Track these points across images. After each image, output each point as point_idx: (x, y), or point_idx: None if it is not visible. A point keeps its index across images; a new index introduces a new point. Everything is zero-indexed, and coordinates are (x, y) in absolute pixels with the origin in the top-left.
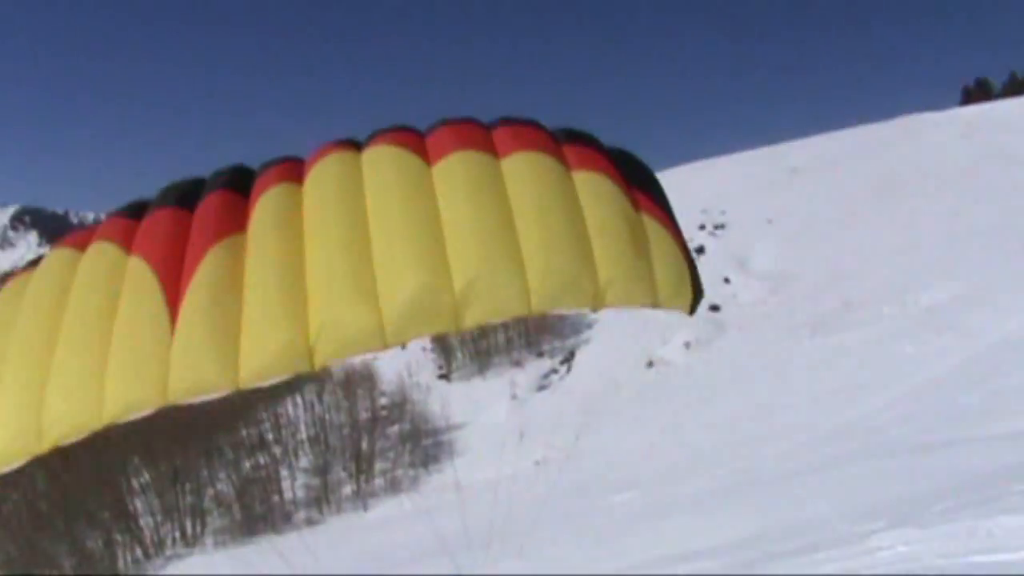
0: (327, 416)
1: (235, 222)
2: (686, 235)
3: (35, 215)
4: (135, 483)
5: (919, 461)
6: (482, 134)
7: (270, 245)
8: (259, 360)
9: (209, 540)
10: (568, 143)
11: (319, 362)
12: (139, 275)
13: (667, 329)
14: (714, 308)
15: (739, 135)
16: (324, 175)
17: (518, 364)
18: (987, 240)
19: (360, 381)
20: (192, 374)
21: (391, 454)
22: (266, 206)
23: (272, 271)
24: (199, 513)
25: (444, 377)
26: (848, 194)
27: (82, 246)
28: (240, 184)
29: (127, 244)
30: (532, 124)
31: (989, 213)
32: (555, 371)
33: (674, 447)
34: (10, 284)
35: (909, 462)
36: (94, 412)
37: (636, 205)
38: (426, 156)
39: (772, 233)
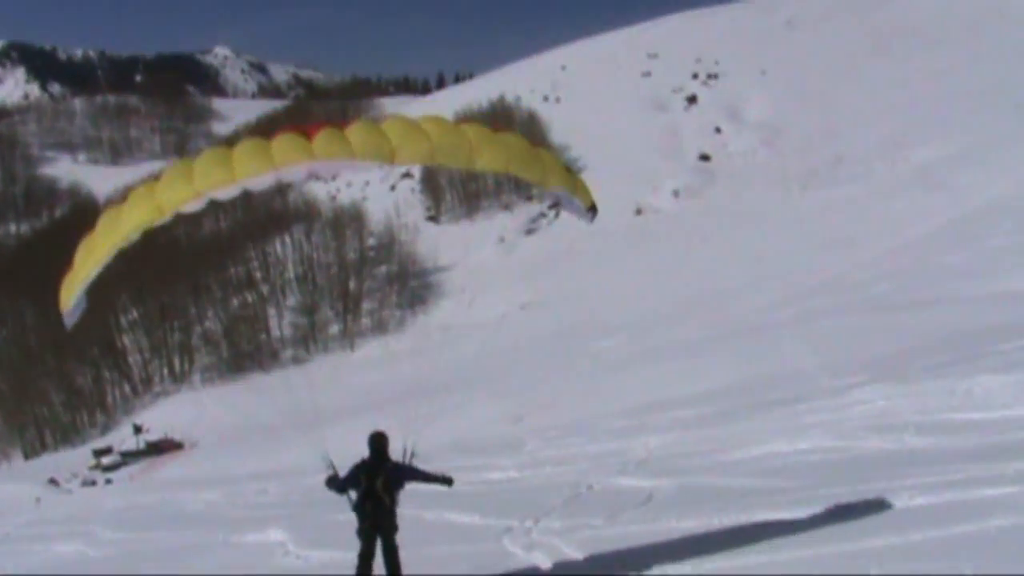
0: (315, 255)
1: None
2: (678, 83)
3: (23, 51)
4: (123, 320)
5: (903, 318)
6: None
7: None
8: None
9: (197, 377)
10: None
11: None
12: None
13: (656, 177)
14: (704, 158)
15: None
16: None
17: (507, 208)
18: (982, 100)
19: (349, 221)
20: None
21: (378, 294)
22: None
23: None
24: (187, 350)
25: (432, 219)
26: (844, 49)
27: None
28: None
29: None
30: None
31: (986, 73)
32: (544, 215)
33: (660, 294)
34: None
35: (893, 318)
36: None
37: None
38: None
39: (765, 85)
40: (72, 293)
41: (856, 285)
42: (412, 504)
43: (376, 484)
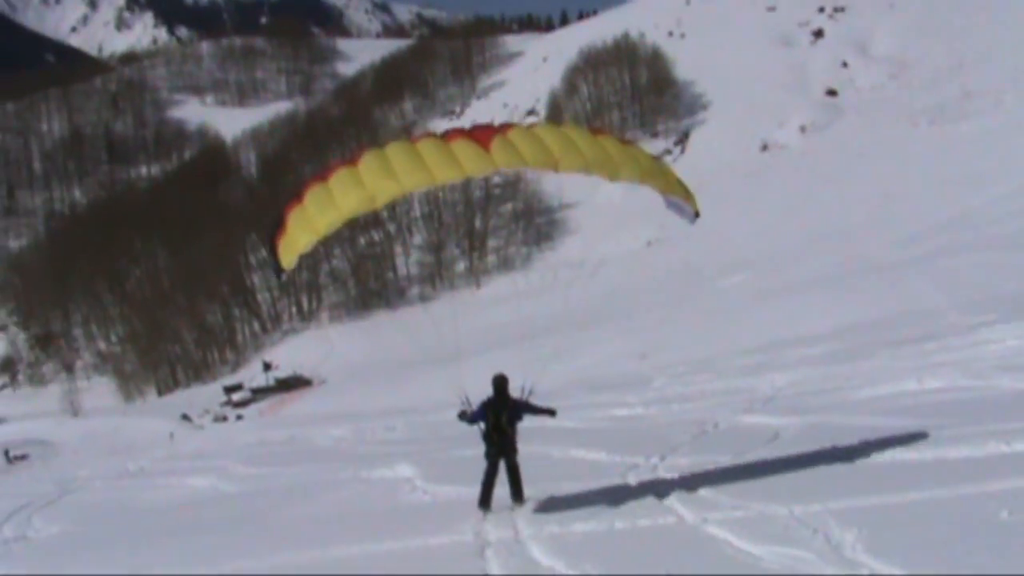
0: (441, 194)
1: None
2: (804, 17)
3: None
4: (253, 259)
5: None
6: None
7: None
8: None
9: (324, 315)
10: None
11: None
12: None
13: (782, 112)
14: (831, 92)
15: None
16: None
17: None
18: None
19: None
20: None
21: (503, 232)
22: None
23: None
24: (315, 289)
25: None
26: None
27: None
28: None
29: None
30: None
31: None
32: (668, 151)
33: (787, 231)
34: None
35: None
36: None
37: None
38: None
39: (893, 17)
40: (293, 257)
41: (986, 222)
42: (539, 442)
43: (501, 419)
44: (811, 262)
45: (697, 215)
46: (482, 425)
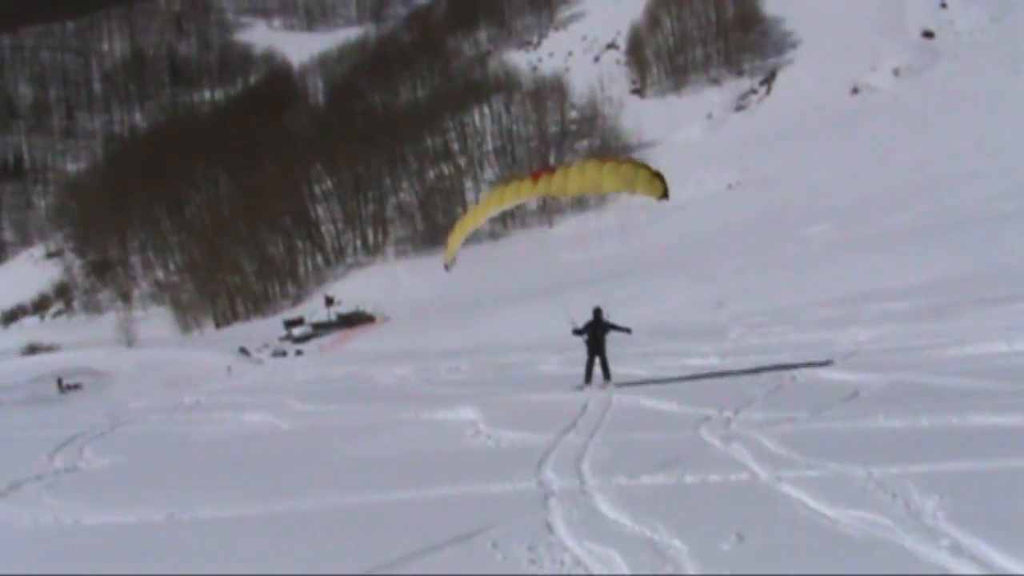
0: (514, 128)
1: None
2: None
3: None
4: (317, 190)
5: None
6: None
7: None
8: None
9: (390, 249)
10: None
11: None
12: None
13: (876, 54)
14: (928, 35)
15: None
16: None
17: (716, 82)
18: None
19: (550, 93)
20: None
21: None
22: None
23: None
24: (381, 222)
25: (638, 92)
26: None
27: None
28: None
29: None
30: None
31: None
32: (754, 91)
33: (876, 179)
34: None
35: None
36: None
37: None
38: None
39: None
40: (451, 254)
41: None
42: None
43: (598, 332)
44: (900, 213)
45: (662, 197)
46: (585, 336)
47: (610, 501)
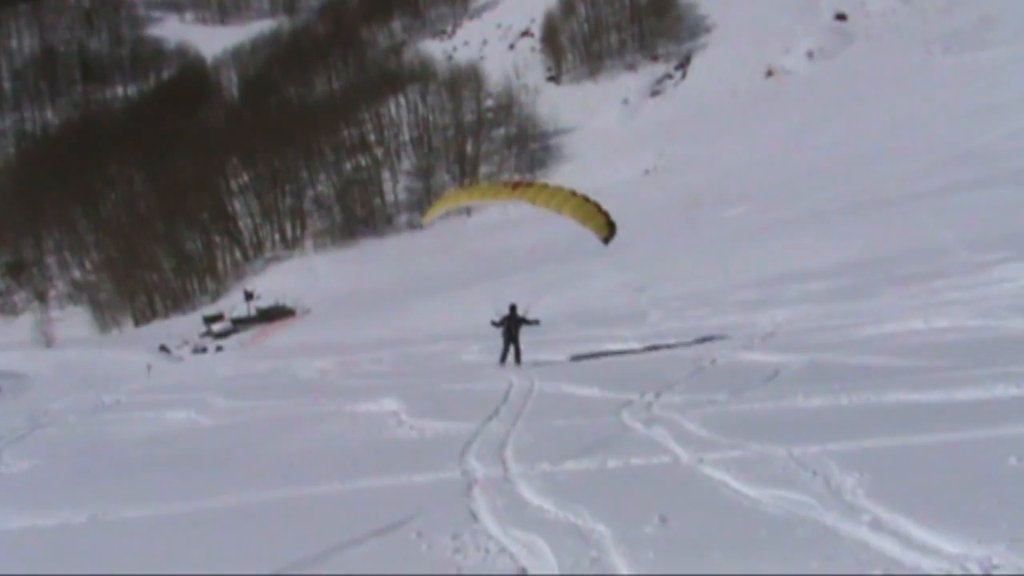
0: (431, 118)
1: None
2: None
3: None
4: (234, 184)
5: None
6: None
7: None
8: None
9: (309, 242)
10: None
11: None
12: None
13: (788, 37)
14: (840, 17)
15: None
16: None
17: (631, 68)
18: None
19: (466, 81)
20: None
21: (496, 157)
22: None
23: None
24: (299, 215)
25: (553, 79)
26: None
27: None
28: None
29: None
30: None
31: None
32: (669, 76)
33: (792, 161)
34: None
35: None
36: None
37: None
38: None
39: None
40: (430, 216)
41: (1001, 156)
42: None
43: (511, 324)
44: (816, 195)
45: (606, 241)
46: (501, 330)
47: (534, 488)
